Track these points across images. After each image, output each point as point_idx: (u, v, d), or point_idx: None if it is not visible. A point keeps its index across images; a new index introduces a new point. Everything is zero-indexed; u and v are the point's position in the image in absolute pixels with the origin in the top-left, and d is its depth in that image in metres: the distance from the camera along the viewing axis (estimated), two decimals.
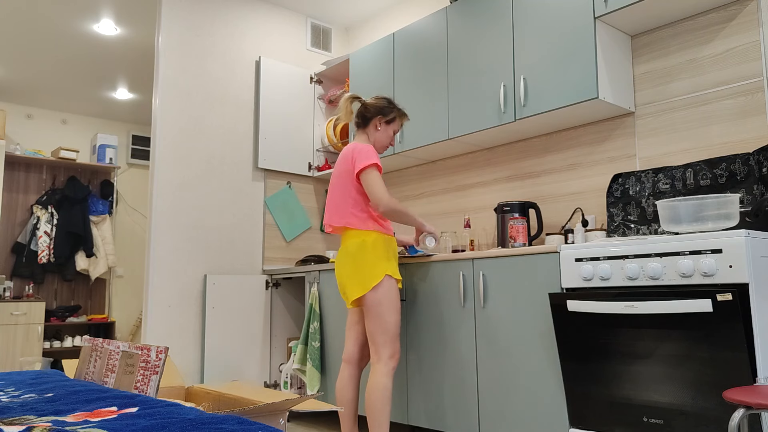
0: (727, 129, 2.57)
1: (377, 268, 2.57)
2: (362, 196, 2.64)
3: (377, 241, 2.60)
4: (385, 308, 2.56)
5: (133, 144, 6.86)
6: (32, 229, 5.94)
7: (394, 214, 2.61)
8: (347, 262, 2.62)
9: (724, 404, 1.92)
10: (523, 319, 2.56)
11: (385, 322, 2.56)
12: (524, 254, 2.58)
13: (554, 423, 2.42)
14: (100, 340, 2.03)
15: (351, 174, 2.64)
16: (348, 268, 2.61)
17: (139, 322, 6.51)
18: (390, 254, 2.63)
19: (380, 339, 2.55)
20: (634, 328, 2.12)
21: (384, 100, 2.78)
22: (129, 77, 5.56)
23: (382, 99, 2.78)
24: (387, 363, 2.55)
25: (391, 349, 2.56)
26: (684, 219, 2.12)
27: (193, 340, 3.66)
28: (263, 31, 4.24)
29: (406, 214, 2.66)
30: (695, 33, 2.69)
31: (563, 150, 3.16)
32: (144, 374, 1.78)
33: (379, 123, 2.75)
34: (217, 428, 1.03)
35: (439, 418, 2.86)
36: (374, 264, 2.57)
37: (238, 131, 4.03)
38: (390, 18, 4.37)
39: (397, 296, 2.61)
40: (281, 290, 4.06)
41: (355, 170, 2.61)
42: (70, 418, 1.19)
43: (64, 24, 4.47)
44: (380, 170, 2.62)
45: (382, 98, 2.78)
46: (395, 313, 2.58)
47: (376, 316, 2.56)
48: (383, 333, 2.55)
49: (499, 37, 3.08)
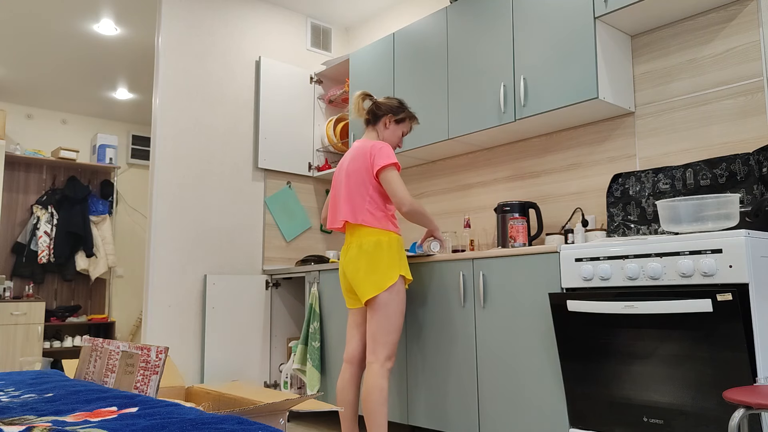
0: (727, 129, 2.57)
1: (393, 269, 2.56)
2: (379, 194, 2.62)
3: (392, 241, 2.59)
4: (393, 310, 2.55)
5: (133, 144, 6.86)
6: (32, 229, 5.94)
7: (415, 215, 2.61)
8: (362, 261, 2.58)
9: (724, 404, 1.92)
10: (523, 319, 2.56)
11: (391, 324, 2.55)
12: (524, 254, 2.58)
13: (554, 423, 2.42)
14: (100, 340, 2.03)
15: (369, 171, 2.61)
16: (363, 266, 2.57)
17: (139, 322, 6.51)
18: (403, 254, 2.63)
19: (382, 339, 2.54)
20: (634, 328, 2.12)
21: (396, 100, 2.79)
22: (129, 77, 5.56)
23: (394, 99, 2.79)
24: (384, 364, 2.54)
25: (390, 351, 2.55)
26: (684, 219, 2.12)
27: (193, 340, 3.66)
28: (263, 31, 4.24)
29: (426, 216, 2.68)
30: (695, 33, 2.69)
31: (563, 150, 3.16)
32: (144, 374, 1.78)
33: (389, 121, 2.75)
34: (217, 428, 1.03)
35: (439, 418, 2.86)
36: (390, 265, 2.56)
37: (238, 131, 4.03)
38: (390, 18, 4.37)
39: (404, 299, 2.60)
40: (281, 290, 4.06)
41: (374, 168, 2.59)
42: (70, 418, 1.19)
43: (64, 24, 4.47)
44: (399, 169, 2.62)
45: (394, 99, 2.80)
46: (401, 316, 2.58)
47: (383, 317, 2.55)
48: (387, 334, 2.54)
49: (499, 37, 3.08)
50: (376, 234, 2.58)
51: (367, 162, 2.62)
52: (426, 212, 2.67)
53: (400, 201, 2.56)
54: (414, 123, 2.85)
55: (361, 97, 2.75)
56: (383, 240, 2.57)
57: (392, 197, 2.57)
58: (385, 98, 2.79)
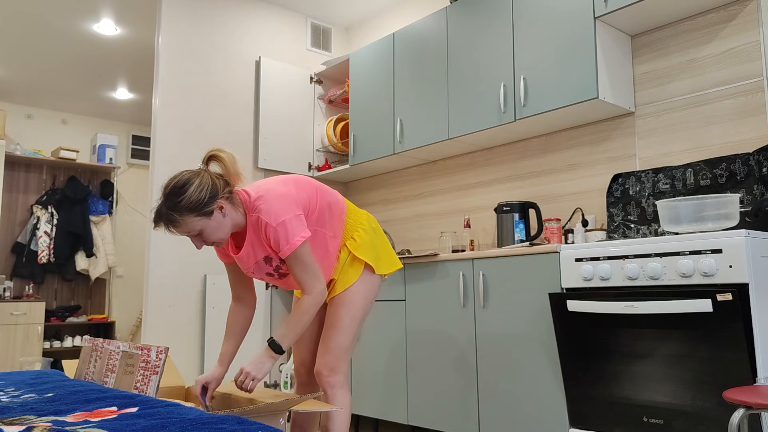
0: (727, 129, 2.57)
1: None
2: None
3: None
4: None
5: (133, 144, 6.86)
6: (32, 229, 5.94)
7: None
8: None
9: (724, 404, 1.92)
10: (523, 319, 2.56)
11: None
12: (524, 254, 2.58)
13: (554, 423, 2.42)
14: (100, 340, 2.03)
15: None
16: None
17: (139, 322, 6.51)
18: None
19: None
20: (634, 328, 2.12)
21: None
22: (129, 77, 5.56)
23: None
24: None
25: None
26: (684, 219, 2.12)
27: (193, 340, 3.66)
28: (263, 31, 4.24)
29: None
30: (695, 33, 2.69)
31: (563, 150, 3.16)
32: (144, 374, 1.78)
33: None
34: (217, 428, 1.03)
35: (439, 418, 2.86)
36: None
37: (238, 131, 4.03)
38: (390, 18, 4.37)
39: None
40: (281, 290, 4.06)
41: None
42: (70, 418, 1.19)
43: (64, 24, 4.47)
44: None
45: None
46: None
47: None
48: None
49: (499, 37, 3.08)
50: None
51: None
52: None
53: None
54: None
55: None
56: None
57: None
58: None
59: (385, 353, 3.16)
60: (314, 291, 1.88)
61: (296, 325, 1.86)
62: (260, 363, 1.84)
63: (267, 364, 1.84)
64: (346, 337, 2.04)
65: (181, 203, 1.79)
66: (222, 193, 1.86)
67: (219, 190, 1.86)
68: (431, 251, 3.32)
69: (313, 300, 1.88)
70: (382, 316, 3.21)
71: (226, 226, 1.88)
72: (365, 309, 2.08)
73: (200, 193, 1.81)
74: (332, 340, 2.04)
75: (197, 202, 1.80)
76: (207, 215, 1.82)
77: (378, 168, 4.01)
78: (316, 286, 1.88)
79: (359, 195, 4.40)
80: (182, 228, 1.82)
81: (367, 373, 3.25)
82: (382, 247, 2.14)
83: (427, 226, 3.87)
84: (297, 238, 1.85)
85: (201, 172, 1.88)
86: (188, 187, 1.81)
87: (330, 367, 2.03)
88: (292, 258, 1.87)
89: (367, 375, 3.24)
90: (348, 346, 2.05)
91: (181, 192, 1.80)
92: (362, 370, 3.28)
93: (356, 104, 3.92)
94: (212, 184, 1.85)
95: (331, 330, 2.04)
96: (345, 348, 2.05)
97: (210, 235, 1.86)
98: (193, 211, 1.80)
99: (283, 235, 1.84)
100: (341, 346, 2.04)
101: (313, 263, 1.90)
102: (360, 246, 2.08)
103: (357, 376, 3.31)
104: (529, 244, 2.74)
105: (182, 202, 1.79)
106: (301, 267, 1.88)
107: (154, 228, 1.85)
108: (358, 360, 3.31)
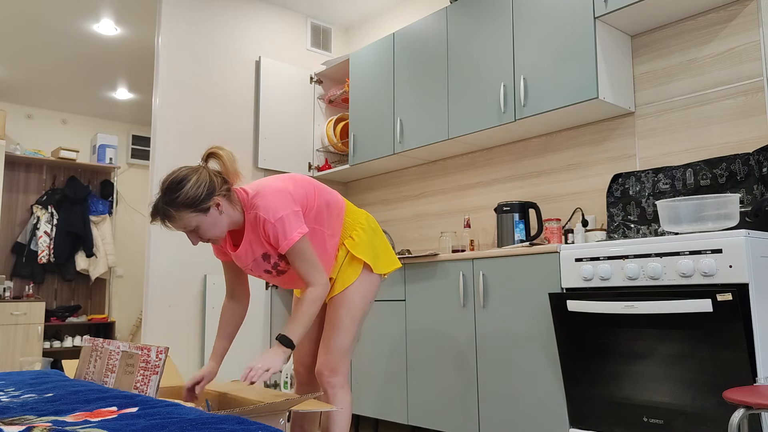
0: (727, 129, 2.57)
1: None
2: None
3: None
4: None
5: (133, 144, 6.86)
6: (32, 229, 5.94)
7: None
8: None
9: (724, 404, 1.92)
10: (523, 319, 2.56)
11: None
12: (524, 254, 2.58)
13: (554, 423, 2.42)
14: (100, 340, 2.03)
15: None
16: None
17: (139, 322, 6.51)
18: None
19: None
20: (634, 328, 2.12)
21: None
22: (129, 77, 5.56)
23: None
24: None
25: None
26: (684, 219, 2.12)
27: (193, 340, 3.66)
28: (263, 31, 4.24)
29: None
30: (695, 33, 2.69)
31: (563, 150, 3.16)
32: (144, 374, 1.78)
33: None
34: (217, 428, 1.03)
35: (439, 418, 2.86)
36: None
37: (238, 131, 4.03)
38: (390, 18, 4.37)
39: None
40: (281, 290, 4.06)
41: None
42: (70, 418, 1.19)
43: (64, 24, 4.47)
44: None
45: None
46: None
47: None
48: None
49: (499, 37, 3.08)
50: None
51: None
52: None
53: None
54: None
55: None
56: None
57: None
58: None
59: (385, 353, 3.16)
60: (318, 282, 1.89)
61: (303, 318, 1.86)
62: (272, 357, 1.82)
63: (279, 358, 1.83)
64: (347, 337, 2.05)
65: (178, 199, 1.80)
66: (219, 191, 1.87)
67: (216, 188, 1.86)
68: (431, 251, 3.32)
69: (317, 291, 1.88)
70: (382, 316, 3.21)
71: (223, 224, 1.89)
72: (365, 309, 2.09)
73: (197, 189, 1.81)
74: (333, 340, 2.04)
75: (194, 199, 1.81)
76: (203, 212, 1.83)
77: (378, 168, 4.01)
78: (319, 278, 1.89)
79: (359, 195, 4.40)
80: (178, 223, 1.83)
81: (367, 373, 3.25)
82: (380, 247, 2.14)
83: (427, 226, 3.87)
84: (295, 234, 1.85)
85: (199, 168, 1.88)
86: (185, 183, 1.81)
87: (331, 368, 2.03)
88: (293, 253, 1.88)
89: (367, 375, 3.24)
90: (348, 346, 2.06)
91: (178, 188, 1.81)
92: (362, 370, 3.28)
93: (356, 104, 3.92)
94: (210, 181, 1.85)
95: (332, 330, 2.05)
96: (346, 348, 2.05)
97: (206, 231, 1.86)
98: (189, 207, 1.81)
99: (281, 230, 1.85)
100: (342, 347, 2.04)
101: (313, 256, 1.90)
102: (358, 245, 2.08)
103: (357, 376, 3.31)
104: (529, 244, 2.74)
105: (179, 198, 1.80)
106: (302, 260, 1.88)
107: (150, 222, 1.86)
108: (358, 360, 3.31)
